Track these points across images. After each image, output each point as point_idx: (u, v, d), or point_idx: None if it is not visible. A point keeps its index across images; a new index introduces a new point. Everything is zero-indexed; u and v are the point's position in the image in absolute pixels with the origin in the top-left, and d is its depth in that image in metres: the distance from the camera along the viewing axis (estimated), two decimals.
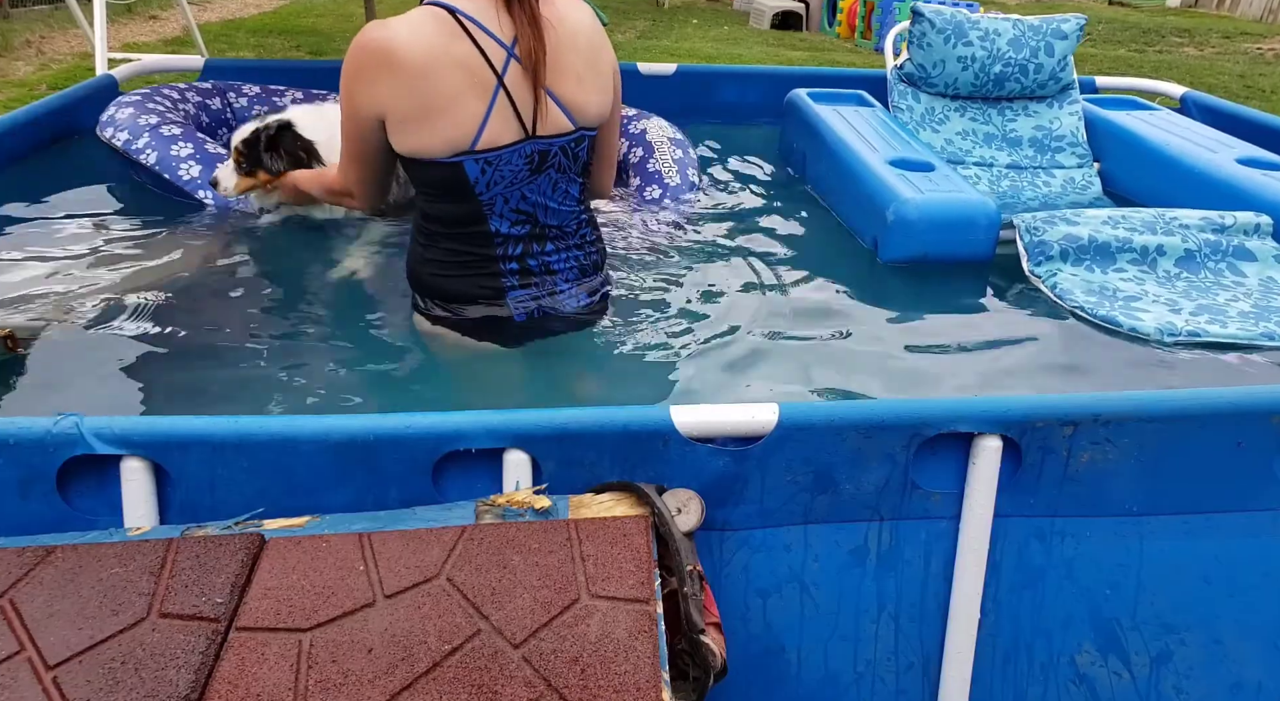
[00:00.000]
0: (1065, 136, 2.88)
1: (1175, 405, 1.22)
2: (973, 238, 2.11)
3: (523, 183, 1.59)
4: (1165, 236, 2.10)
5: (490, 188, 1.57)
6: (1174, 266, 2.08)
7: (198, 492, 1.10)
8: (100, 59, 2.86)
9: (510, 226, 1.63)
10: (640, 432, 1.14)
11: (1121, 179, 2.78)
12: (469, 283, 1.67)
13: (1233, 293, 2.00)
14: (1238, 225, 2.11)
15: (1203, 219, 2.13)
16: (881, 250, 2.18)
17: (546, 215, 1.67)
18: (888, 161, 2.33)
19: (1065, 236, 2.07)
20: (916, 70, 2.88)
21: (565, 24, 1.56)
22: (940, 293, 2.05)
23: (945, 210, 2.10)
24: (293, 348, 1.74)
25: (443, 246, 1.65)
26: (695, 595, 1.01)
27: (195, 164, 2.31)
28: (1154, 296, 1.97)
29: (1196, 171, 2.45)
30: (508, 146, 1.54)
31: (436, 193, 1.59)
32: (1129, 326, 1.84)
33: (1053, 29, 2.84)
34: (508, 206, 1.61)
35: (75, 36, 7.41)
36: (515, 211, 1.62)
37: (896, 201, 2.11)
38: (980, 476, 1.20)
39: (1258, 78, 8.54)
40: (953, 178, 2.26)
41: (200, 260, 2.04)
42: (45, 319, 1.72)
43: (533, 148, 1.56)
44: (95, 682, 0.87)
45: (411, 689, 0.88)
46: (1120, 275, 2.05)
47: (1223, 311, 1.90)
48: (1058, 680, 1.25)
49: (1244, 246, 2.10)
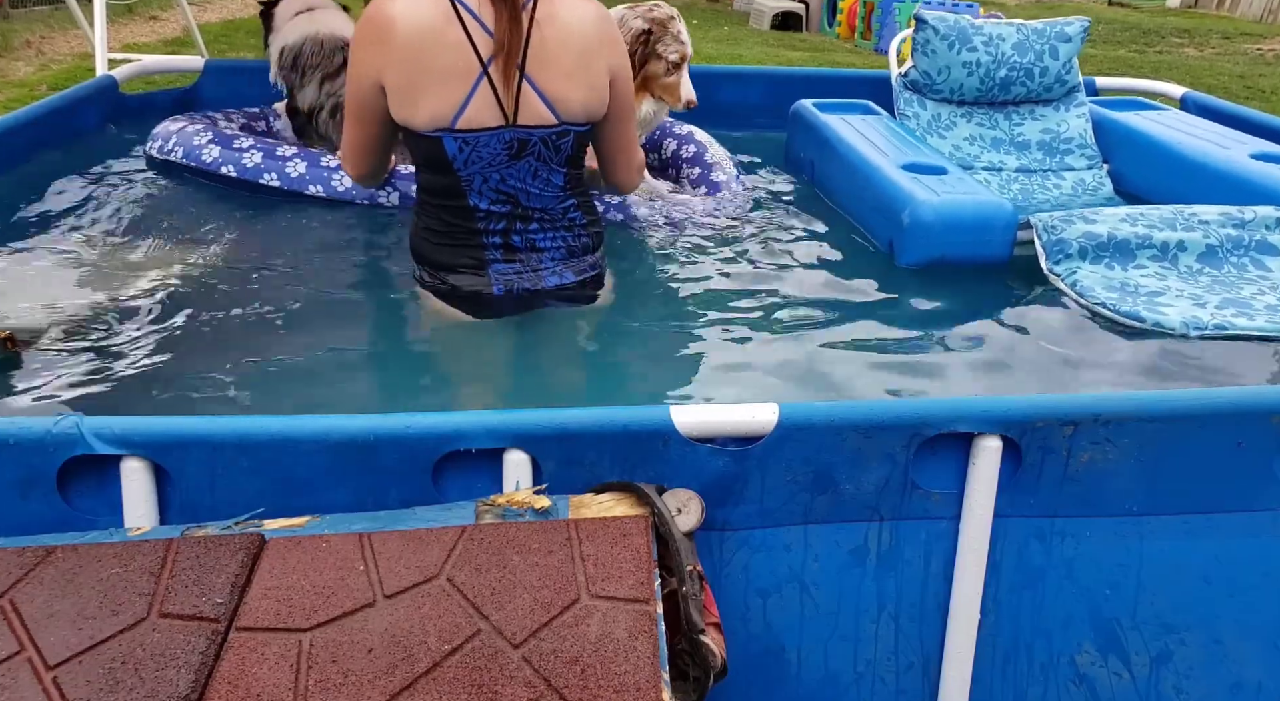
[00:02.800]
0: (1074, 139, 2.88)
1: (1175, 405, 1.22)
2: (990, 238, 2.10)
3: (501, 166, 1.69)
4: (1186, 232, 2.07)
5: (468, 165, 1.67)
6: (1196, 262, 2.05)
7: (198, 493, 1.10)
8: (100, 59, 2.85)
9: (491, 204, 1.73)
10: (640, 432, 1.14)
11: (1133, 179, 2.77)
12: (454, 253, 1.77)
13: (1258, 286, 1.98)
14: (1259, 219, 2.09)
15: (1222, 214, 2.11)
16: (898, 253, 2.16)
17: (528, 199, 1.75)
18: (900, 166, 2.32)
19: (1084, 234, 2.05)
20: (921, 77, 2.88)
21: (556, 21, 1.64)
22: (957, 294, 2.03)
23: (961, 211, 2.09)
24: (293, 347, 1.73)
25: (433, 216, 1.77)
26: (695, 595, 1.01)
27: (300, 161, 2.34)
28: (1177, 291, 1.94)
29: (1210, 168, 2.43)
30: (487, 130, 1.64)
31: (423, 164, 1.73)
32: (1153, 321, 1.81)
33: (1057, 32, 2.84)
34: (487, 185, 1.71)
35: (75, 37, 7.41)
36: (495, 191, 1.72)
37: (912, 204, 2.10)
38: (980, 476, 1.20)
39: (1258, 78, 8.54)
40: (966, 180, 2.25)
41: (201, 261, 2.04)
42: (45, 319, 1.72)
43: (512, 135, 1.66)
44: (95, 683, 0.87)
45: (411, 689, 0.88)
46: (1141, 271, 2.03)
47: (1248, 304, 1.87)
48: (1058, 680, 1.25)
49: (1266, 240, 2.07)
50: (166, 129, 2.46)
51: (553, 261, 1.80)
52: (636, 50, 2.18)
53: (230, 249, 2.11)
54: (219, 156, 2.34)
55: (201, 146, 2.36)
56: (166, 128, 2.46)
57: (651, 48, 2.21)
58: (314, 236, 2.18)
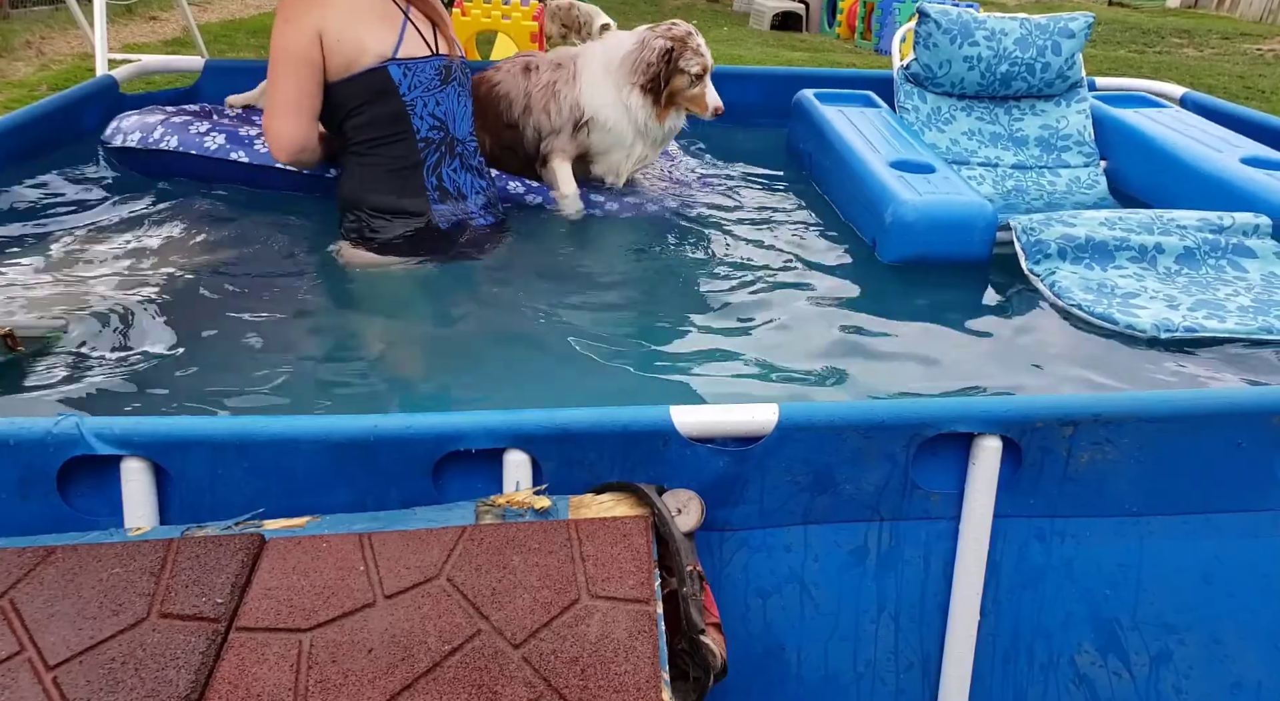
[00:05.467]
0: (1072, 135, 2.88)
1: (1175, 405, 1.22)
2: (969, 239, 2.13)
3: (436, 89, 2.06)
4: (1163, 236, 2.10)
5: (412, 89, 2.01)
6: (1174, 263, 2.08)
7: (198, 493, 1.10)
8: (100, 60, 2.85)
9: (430, 130, 2.06)
10: (640, 433, 1.14)
11: (1127, 177, 2.78)
12: (399, 192, 2.03)
13: (1234, 287, 2.00)
14: (1236, 225, 2.12)
15: (1200, 220, 2.14)
16: (880, 250, 2.19)
17: (454, 126, 2.12)
18: (889, 163, 2.33)
19: (1062, 236, 2.08)
20: (922, 70, 2.88)
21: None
22: (939, 292, 2.06)
23: (942, 212, 2.12)
24: (293, 347, 1.73)
25: (372, 159, 2.02)
26: (695, 595, 1.01)
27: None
28: (1153, 293, 1.97)
29: (1198, 170, 2.44)
30: (421, 58, 2.03)
31: (366, 102, 1.98)
32: (1125, 324, 1.85)
33: (1060, 28, 2.83)
34: (426, 110, 2.05)
35: (75, 37, 7.41)
36: (432, 116, 2.06)
37: (895, 203, 2.13)
38: (980, 476, 1.20)
39: (1257, 78, 8.54)
40: (952, 179, 2.27)
41: (200, 261, 2.04)
42: (46, 318, 1.72)
43: (439, 62, 2.08)
44: (95, 683, 0.87)
45: (411, 689, 0.88)
46: (1120, 272, 2.06)
47: (1222, 306, 1.90)
48: (1058, 680, 1.25)
49: (1244, 244, 2.10)
50: (143, 121, 2.41)
51: (476, 208, 2.17)
52: (661, 67, 2.29)
53: (232, 249, 2.11)
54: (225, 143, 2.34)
55: (204, 135, 2.35)
56: (143, 120, 2.41)
57: (674, 63, 2.31)
58: (322, 237, 2.18)
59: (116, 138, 2.39)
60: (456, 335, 1.90)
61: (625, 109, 2.32)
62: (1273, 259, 2.09)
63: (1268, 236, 2.12)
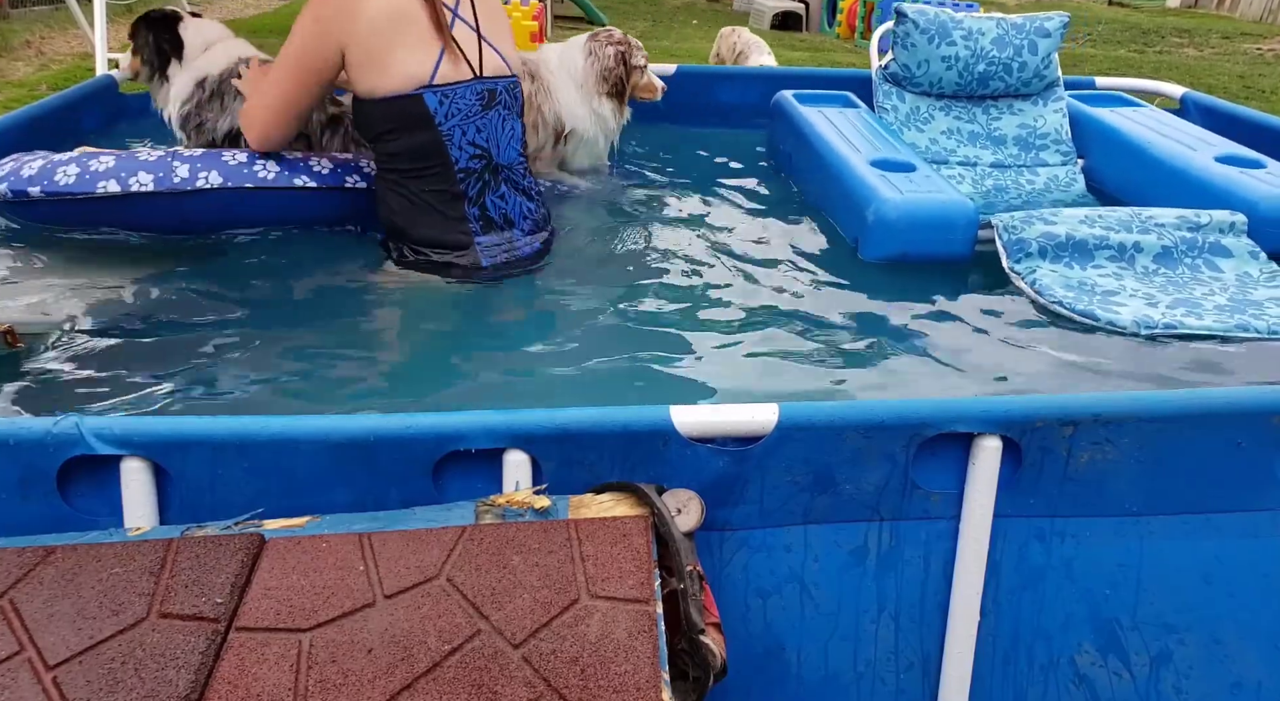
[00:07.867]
0: (1049, 134, 2.90)
1: (1175, 405, 1.22)
2: (951, 237, 2.14)
3: (476, 116, 1.90)
4: (1141, 234, 2.13)
5: (449, 118, 1.86)
6: (1152, 262, 2.11)
7: (198, 493, 1.10)
8: (100, 59, 2.85)
9: (469, 160, 1.91)
10: (640, 432, 1.14)
11: (1104, 176, 2.80)
12: (441, 227, 1.92)
13: (1209, 287, 2.03)
14: (1213, 223, 2.14)
15: (1178, 218, 2.16)
16: (862, 249, 2.20)
17: (498, 153, 1.96)
18: (869, 162, 2.35)
19: (1043, 234, 2.10)
20: (901, 70, 2.89)
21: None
22: (923, 290, 2.07)
23: (923, 210, 2.13)
24: (293, 347, 1.73)
25: (409, 189, 1.91)
26: (695, 595, 1.01)
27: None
28: (1132, 291, 2.00)
29: (1173, 169, 2.46)
30: (461, 83, 1.86)
31: (398, 128, 1.84)
32: (1106, 320, 1.86)
33: (1036, 27, 2.85)
34: (465, 139, 1.89)
35: (75, 37, 7.41)
36: (472, 145, 1.91)
37: (876, 201, 2.14)
38: (980, 476, 1.20)
39: (1257, 78, 8.54)
40: (933, 178, 2.28)
41: (200, 260, 2.04)
42: (46, 318, 1.72)
43: (482, 86, 1.91)
44: (95, 683, 0.87)
45: (411, 689, 0.88)
46: (1099, 271, 2.08)
47: (1199, 305, 1.93)
48: (1058, 680, 1.25)
49: (1220, 243, 2.13)
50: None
51: (523, 234, 2.04)
52: (621, 71, 2.54)
53: (232, 249, 2.11)
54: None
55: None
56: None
57: (628, 63, 2.56)
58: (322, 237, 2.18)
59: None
60: (456, 335, 1.90)
61: (599, 118, 2.55)
62: (1247, 258, 2.11)
63: (1243, 234, 2.14)
